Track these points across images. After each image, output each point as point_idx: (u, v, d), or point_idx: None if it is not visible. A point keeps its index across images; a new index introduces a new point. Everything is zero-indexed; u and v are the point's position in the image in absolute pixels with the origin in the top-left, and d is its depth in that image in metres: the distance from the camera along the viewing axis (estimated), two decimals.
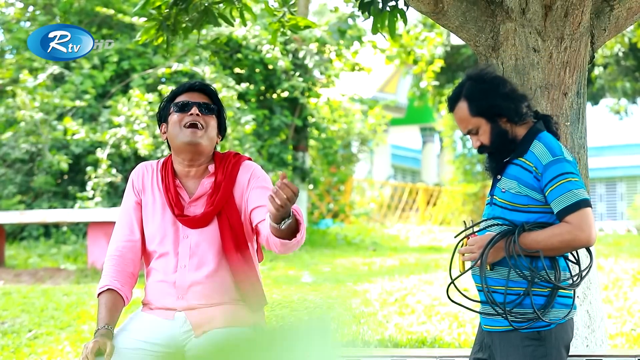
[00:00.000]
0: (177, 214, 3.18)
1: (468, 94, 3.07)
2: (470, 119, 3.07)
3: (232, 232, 3.17)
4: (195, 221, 3.17)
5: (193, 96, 3.24)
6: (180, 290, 3.15)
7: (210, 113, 3.22)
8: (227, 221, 3.17)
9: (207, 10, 4.65)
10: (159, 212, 3.22)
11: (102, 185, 11.52)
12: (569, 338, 3.06)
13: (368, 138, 19.17)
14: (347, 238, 15.13)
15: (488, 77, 3.10)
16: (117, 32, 14.05)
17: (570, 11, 3.91)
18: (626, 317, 6.70)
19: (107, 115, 12.59)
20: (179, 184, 3.24)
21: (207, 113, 3.20)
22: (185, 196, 3.23)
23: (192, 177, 3.25)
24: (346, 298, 7.40)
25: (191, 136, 3.16)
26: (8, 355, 5.72)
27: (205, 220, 3.17)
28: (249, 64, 14.30)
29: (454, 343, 5.98)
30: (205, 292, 3.15)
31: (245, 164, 3.26)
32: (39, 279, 9.13)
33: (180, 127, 3.18)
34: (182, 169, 3.25)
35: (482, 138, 3.08)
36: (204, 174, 3.24)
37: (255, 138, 13.39)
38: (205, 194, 3.21)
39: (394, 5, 4.43)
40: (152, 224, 3.23)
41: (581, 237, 2.93)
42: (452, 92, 3.15)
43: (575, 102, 3.98)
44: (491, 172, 3.16)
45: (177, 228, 3.19)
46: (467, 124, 3.09)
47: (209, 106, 3.22)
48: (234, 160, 3.26)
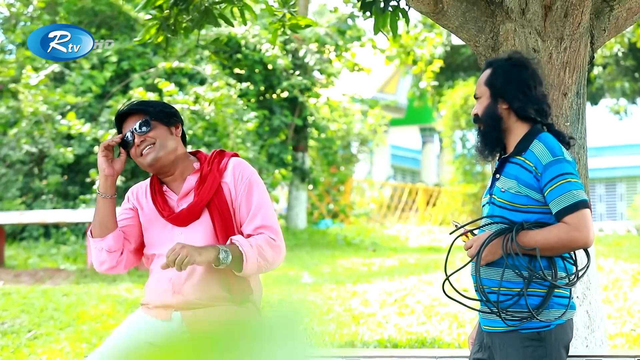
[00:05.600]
0: (166, 215, 3.27)
1: (496, 66, 3.16)
2: (482, 85, 3.17)
3: (223, 221, 3.22)
4: (184, 216, 3.24)
5: (129, 122, 3.32)
6: (176, 285, 3.19)
7: (150, 128, 3.28)
8: (217, 211, 3.23)
9: (207, 11, 4.65)
10: (153, 220, 3.32)
11: None
12: (568, 338, 3.06)
13: (368, 138, 19.18)
14: (346, 238, 15.13)
15: (523, 64, 3.13)
16: (116, 32, 14.06)
17: (570, 11, 3.91)
18: (626, 317, 6.70)
19: (107, 115, 12.59)
20: (167, 189, 3.34)
21: (147, 131, 3.28)
22: (173, 197, 3.32)
23: (177, 179, 3.34)
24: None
25: (146, 160, 3.27)
26: (8, 356, 5.72)
27: (193, 213, 3.23)
28: (249, 64, 14.30)
29: (454, 343, 5.98)
30: (201, 284, 3.19)
31: (232, 159, 3.34)
32: (39, 280, 9.13)
33: (137, 158, 3.31)
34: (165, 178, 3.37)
35: (478, 108, 3.16)
36: (187, 172, 3.33)
37: (256, 138, 13.40)
38: (191, 189, 3.29)
39: (395, 5, 4.43)
40: (149, 232, 3.33)
41: (579, 238, 2.93)
42: (494, 58, 3.31)
43: (575, 102, 3.98)
44: (479, 156, 3.18)
45: (171, 229, 3.28)
46: (478, 88, 3.19)
47: (147, 122, 3.28)
48: (219, 156, 3.35)
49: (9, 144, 12.82)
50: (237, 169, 3.29)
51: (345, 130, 18.06)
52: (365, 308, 7.24)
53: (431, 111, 24.54)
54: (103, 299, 7.45)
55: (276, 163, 14.40)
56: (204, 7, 4.65)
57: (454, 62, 20.40)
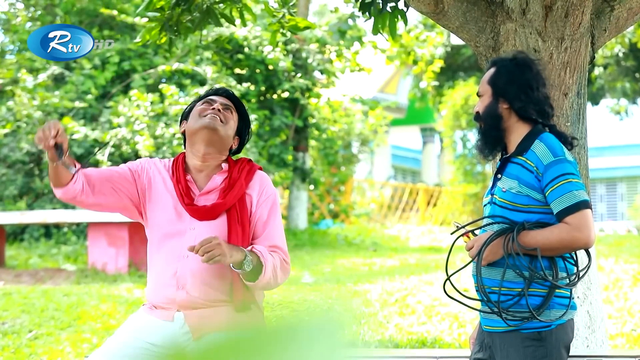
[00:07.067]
0: (186, 203, 3.21)
1: (500, 66, 3.17)
2: (485, 84, 3.18)
3: (240, 229, 3.20)
4: (204, 212, 3.20)
5: (219, 98, 3.35)
6: (181, 279, 3.16)
7: (231, 114, 3.31)
8: (237, 218, 3.20)
9: (209, 11, 4.65)
10: (168, 203, 3.24)
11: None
12: (569, 339, 3.06)
13: (368, 138, 19.18)
14: (347, 238, 15.13)
15: (527, 64, 3.14)
16: (117, 32, 14.05)
17: (570, 12, 3.91)
18: (626, 317, 6.70)
19: (107, 115, 12.59)
20: (190, 179, 3.28)
21: (228, 112, 3.30)
22: (195, 190, 3.27)
23: (204, 172, 3.30)
24: (346, 298, 7.39)
25: (210, 120, 3.23)
26: (8, 356, 5.72)
27: (213, 212, 3.20)
28: (250, 64, 14.29)
29: (454, 343, 5.98)
30: (206, 283, 3.17)
31: (259, 173, 3.34)
32: (40, 280, 9.14)
33: (201, 116, 3.26)
34: (195, 163, 3.29)
35: (480, 106, 3.16)
36: (215, 171, 3.30)
37: (257, 138, 13.40)
38: (216, 189, 3.25)
39: (394, 6, 4.43)
40: (160, 214, 3.25)
41: (580, 238, 2.93)
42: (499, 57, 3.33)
43: (575, 103, 3.98)
44: (480, 154, 3.19)
45: (185, 220, 3.21)
46: (481, 86, 3.20)
47: (231, 109, 3.33)
48: (249, 165, 3.34)
49: (9, 144, 12.82)
50: (262, 184, 3.30)
51: (346, 130, 18.05)
52: (366, 308, 7.24)
53: (432, 111, 24.53)
54: (104, 299, 7.45)
55: (277, 163, 14.40)
56: (205, 6, 4.65)
57: (454, 62, 20.39)
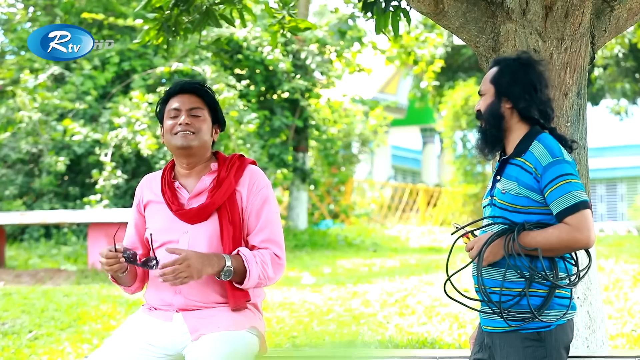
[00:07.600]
0: (175, 210, 3.24)
1: (504, 65, 3.16)
2: (487, 82, 3.17)
3: (232, 228, 3.20)
4: (193, 215, 3.22)
5: (183, 100, 3.28)
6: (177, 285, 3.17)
7: (201, 116, 3.27)
8: (228, 217, 3.21)
9: (208, 11, 4.65)
10: (161, 214, 3.29)
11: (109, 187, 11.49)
12: (569, 339, 3.06)
13: (369, 139, 19.17)
14: (347, 239, 15.13)
15: (531, 65, 3.13)
16: (117, 33, 14.05)
17: (570, 12, 3.91)
18: (627, 317, 6.70)
19: (108, 115, 12.59)
20: (179, 185, 3.30)
21: (197, 117, 3.26)
22: (184, 194, 3.29)
23: (192, 176, 3.31)
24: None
25: (182, 140, 3.23)
26: (8, 356, 5.72)
27: (203, 213, 3.21)
28: (250, 64, 14.29)
29: (454, 344, 5.98)
30: (202, 286, 3.18)
31: (250, 167, 3.33)
32: (40, 280, 9.13)
33: (172, 134, 3.26)
34: (182, 170, 3.33)
35: (482, 104, 3.16)
36: (204, 171, 3.30)
37: (257, 138, 13.39)
38: (205, 190, 3.26)
39: (396, 5, 4.42)
40: (155, 225, 3.30)
41: (580, 238, 2.93)
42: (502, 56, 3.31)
43: (575, 103, 3.98)
44: (480, 153, 3.19)
45: (178, 226, 3.24)
46: (483, 85, 3.19)
47: (199, 109, 3.28)
48: (239, 162, 3.33)
49: (9, 144, 12.82)
50: (252, 178, 3.29)
51: (346, 131, 18.05)
52: (366, 308, 7.24)
53: (432, 112, 24.54)
54: (104, 300, 7.45)
55: (277, 163, 14.40)
56: (204, 7, 4.65)
57: (454, 63, 20.40)
